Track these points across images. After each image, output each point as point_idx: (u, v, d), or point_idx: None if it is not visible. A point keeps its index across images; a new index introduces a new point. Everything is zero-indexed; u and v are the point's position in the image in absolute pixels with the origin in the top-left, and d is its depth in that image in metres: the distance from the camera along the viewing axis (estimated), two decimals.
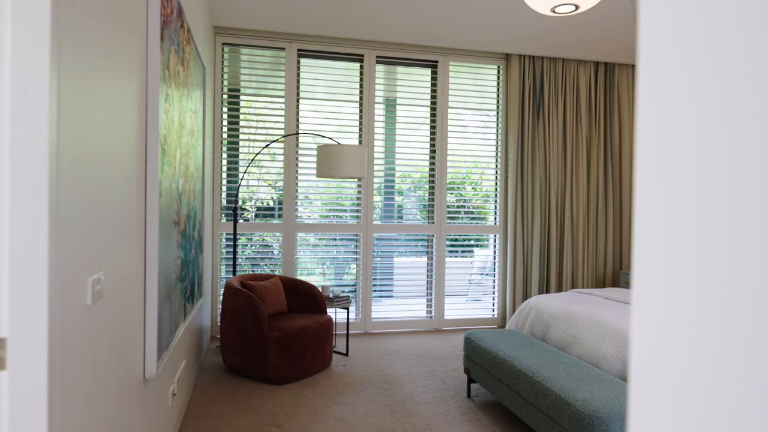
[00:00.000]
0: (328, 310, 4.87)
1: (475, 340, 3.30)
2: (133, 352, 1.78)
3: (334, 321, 4.66)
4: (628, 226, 5.47)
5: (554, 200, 5.18)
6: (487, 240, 5.79)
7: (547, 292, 5.21)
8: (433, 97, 5.08)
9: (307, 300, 3.98)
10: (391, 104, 5.16)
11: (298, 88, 4.76)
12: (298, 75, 4.77)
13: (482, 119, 5.29)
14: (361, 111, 4.91)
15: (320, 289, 4.29)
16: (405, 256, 6.04)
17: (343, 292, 4.95)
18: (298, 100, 4.77)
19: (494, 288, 5.33)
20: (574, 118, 5.27)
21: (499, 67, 5.23)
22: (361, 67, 4.90)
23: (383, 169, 5.03)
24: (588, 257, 5.32)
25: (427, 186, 5.18)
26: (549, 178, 5.18)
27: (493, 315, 5.31)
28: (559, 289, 5.25)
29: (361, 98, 4.91)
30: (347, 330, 4.18)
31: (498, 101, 5.24)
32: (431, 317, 5.13)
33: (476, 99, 5.20)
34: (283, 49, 4.69)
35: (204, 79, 3.60)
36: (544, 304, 3.48)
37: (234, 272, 4.18)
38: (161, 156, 2.10)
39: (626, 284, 4.83)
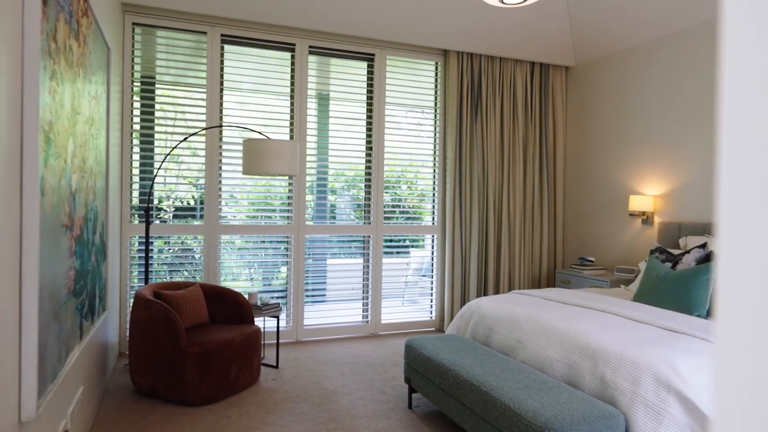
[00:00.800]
0: (256, 319, 4.51)
1: (416, 348, 3.09)
2: (5, 391, 1.41)
3: (262, 331, 4.31)
4: (562, 225, 5.49)
5: (492, 200, 5.10)
6: (423, 240, 5.63)
7: (485, 293, 5.13)
8: (370, 92, 4.85)
9: (231, 309, 3.62)
10: (324, 98, 4.87)
11: (221, 77, 4.37)
12: (222, 63, 4.38)
13: (420, 116, 5.13)
14: (292, 104, 4.59)
15: (247, 297, 3.94)
16: (339, 258, 5.78)
17: (273, 298, 4.61)
18: (221, 91, 4.38)
19: (432, 290, 5.18)
20: (511, 118, 5.23)
21: (437, 63, 5.08)
22: (293, 57, 4.58)
23: (315, 167, 4.74)
24: (525, 257, 5.28)
25: (362, 185, 4.94)
26: (487, 178, 5.09)
27: (431, 317, 5.16)
28: (497, 290, 5.18)
29: (292, 91, 4.59)
30: (277, 340, 3.86)
31: (436, 98, 5.09)
32: (367, 322, 4.89)
33: (414, 95, 5.02)
34: (205, 33, 4.28)
35: (108, 61, 3.16)
36: (487, 307, 3.33)
37: (146, 280, 3.74)
38: (45, 146, 1.72)
39: (562, 283, 4.82)
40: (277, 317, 3.84)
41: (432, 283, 5.17)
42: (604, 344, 2.42)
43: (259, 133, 3.92)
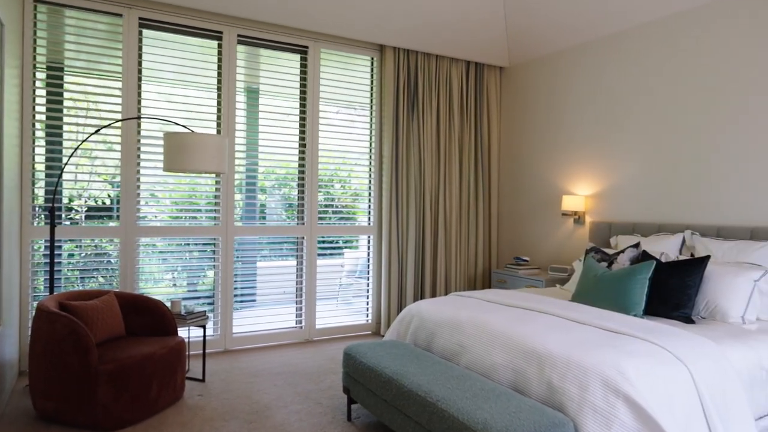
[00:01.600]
0: (180, 329, 4.17)
1: (356, 356, 2.93)
2: None
3: (187, 342, 3.99)
4: (497, 225, 5.52)
5: (429, 199, 5.03)
6: (357, 240, 5.48)
7: (422, 295, 5.05)
8: (303, 86, 4.63)
9: (152, 320, 3.29)
10: (253, 92, 4.60)
11: (140, 65, 3.99)
12: (140, 50, 4.00)
13: (356, 113, 4.96)
14: (219, 98, 4.28)
15: (169, 305, 3.61)
16: (269, 260, 5.50)
17: (199, 304, 4.29)
18: (140, 80, 4.00)
19: (368, 292, 5.03)
20: (447, 117, 5.18)
21: (372, 58, 4.94)
22: (220, 46, 4.27)
23: (245, 165, 4.46)
24: (461, 257, 5.26)
25: (294, 184, 4.71)
26: (424, 177, 5.01)
27: (367, 321, 5.01)
28: (434, 291, 5.12)
29: (219, 83, 4.28)
30: (204, 350, 3.56)
31: (372, 95, 4.95)
32: (301, 327, 4.67)
33: (350, 91, 4.85)
34: (121, 15, 3.89)
35: (1, 39, 2.75)
36: (427, 311, 3.23)
37: (51, 290, 3.32)
38: None
39: (498, 283, 4.83)
40: (204, 326, 3.55)
41: (368, 286, 5.03)
42: (549, 348, 2.37)
43: (183, 126, 3.60)
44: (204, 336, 3.57)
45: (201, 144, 3.21)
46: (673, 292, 2.92)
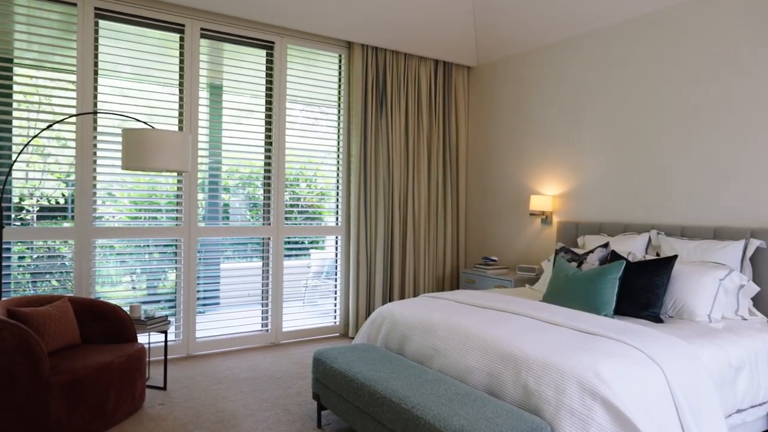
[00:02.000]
0: (140, 335, 3.99)
1: (326, 361, 2.84)
2: None
3: (147, 349, 3.82)
4: (465, 224, 5.52)
5: (397, 199, 4.97)
6: (323, 241, 5.39)
7: (390, 295, 4.99)
8: (269, 83, 4.50)
9: (109, 326, 3.12)
10: (216, 89, 4.44)
11: (96, 58, 3.79)
12: (97, 42, 3.80)
13: (323, 110, 4.86)
14: (181, 94, 4.11)
15: (128, 310, 3.43)
16: (233, 261, 5.35)
17: (159, 308, 4.11)
18: (96, 74, 3.80)
19: (336, 293, 4.94)
20: (416, 116, 5.14)
21: (340, 56, 4.84)
22: (182, 39, 4.10)
23: (207, 163, 4.30)
24: (429, 257, 5.23)
25: (258, 183, 4.58)
26: (392, 176, 4.96)
27: (335, 322, 4.92)
28: (403, 292, 5.07)
29: (181, 78, 4.11)
30: (165, 357, 3.41)
31: (340, 93, 4.86)
32: (267, 331, 4.54)
33: (317, 88, 4.74)
34: (75, 5, 3.68)
35: None
36: (399, 313, 3.17)
37: None
38: None
39: (467, 283, 4.82)
40: (165, 332, 3.39)
41: (336, 287, 4.94)
42: (525, 351, 2.34)
43: (144, 122, 3.43)
44: (165, 341, 3.41)
45: (163, 141, 3.06)
46: (643, 292, 2.95)
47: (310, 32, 4.51)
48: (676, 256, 3.00)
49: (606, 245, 3.38)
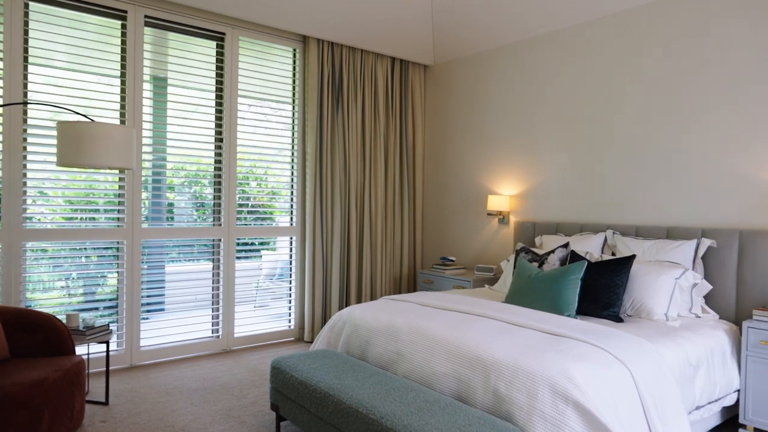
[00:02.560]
0: (78, 347, 3.69)
1: (286, 370, 2.70)
2: None
3: (87, 361, 3.53)
4: (421, 224, 5.47)
5: (354, 198, 4.86)
6: (273, 241, 5.20)
7: (347, 298, 4.87)
8: (220, 76, 4.27)
9: (43, 337, 2.84)
10: (161, 81, 4.18)
11: (26, 44, 3.46)
12: (26, 25, 3.47)
13: (277, 107, 4.67)
14: (123, 84, 3.83)
15: (64, 320, 3.15)
16: (178, 264, 5.07)
17: (98, 316, 3.82)
18: (26, 60, 3.47)
19: (290, 296, 4.77)
20: (373, 113, 5.04)
21: (295, 50, 4.67)
22: (124, 27, 3.82)
23: (151, 160, 4.03)
24: (386, 258, 5.14)
25: (206, 181, 4.35)
26: (349, 175, 4.83)
27: (290, 326, 4.75)
28: (360, 293, 4.96)
29: (123, 67, 3.83)
30: (107, 368, 3.15)
31: (294, 88, 4.69)
32: (218, 337, 4.32)
33: (271, 83, 4.55)
34: None
35: None
36: (361, 317, 3.06)
37: None
38: None
39: (425, 284, 4.77)
40: (107, 342, 3.13)
41: (290, 289, 4.77)
42: (495, 354, 2.29)
43: (82, 115, 3.15)
44: (107, 352, 3.15)
45: (105, 136, 2.81)
46: (603, 292, 2.97)
47: (264, 24, 4.32)
48: (634, 256, 3.04)
49: (566, 245, 3.40)
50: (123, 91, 3.83)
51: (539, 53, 4.37)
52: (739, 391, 2.80)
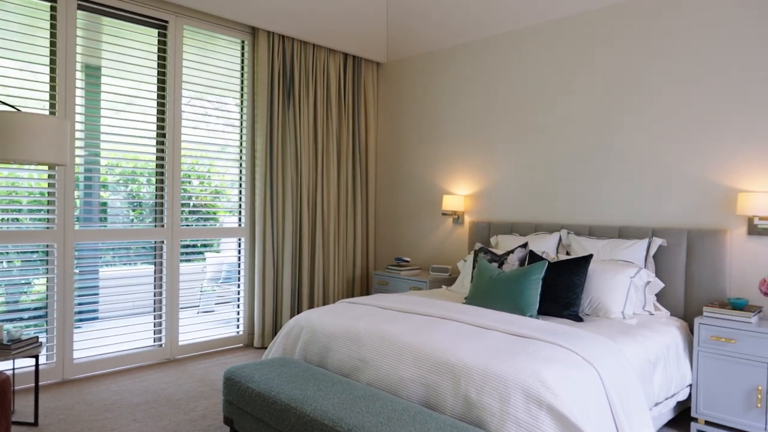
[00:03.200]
0: (2, 363, 3.34)
1: (241, 381, 2.53)
2: None
3: (12, 377, 3.19)
4: (374, 224, 5.37)
5: (306, 198, 4.69)
6: (218, 243, 4.96)
7: (299, 301, 4.70)
8: (162, 67, 4.00)
9: None
10: (94, 70, 3.86)
11: None
12: None
13: (225, 101, 4.44)
14: (53, 72, 3.50)
15: None
16: (114, 267, 4.74)
17: (24, 326, 3.47)
18: None
19: (239, 300, 4.55)
20: (325, 110, 4.89)
21: (244, 42, 4.45)
22: (54, 9, 3.49)
23: (83, 156, 3.72)
24: (339, 259, 5.01)
25: (143, 179, 4.07)
26: (301, 174, 4.66)
27: (239, 332, 4.53)
28: (312, 297, 4.80)
29: (53, 54, 3.50)
30: (36, 384, 2.85)
31: (243, 82, 4.47)
32: (161, 345, 4.04)
33: (218, 76, 4.31)
34: None
35: None
36: (319, 322, 2.92)
37: None
38: None
39: (379, 285, 4.68)
40: (36, 356, 2.84)
41: (239, 293, 4.54)
42: (463, 359, 2.23)
43: (10, 105, 2.83)
44: (36, 366, 2.85)
45: (34, 127, 2.53)
46: (563, 291, 2.99)
47: (210, 13, 4.09)
48: (591, 255, 3.08)
49: (525, 245, 3.40)
50: (53, 80, 3.50)
51: (493, 53, 4.38)
52: (691, 385, 2.88)
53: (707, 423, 2.81)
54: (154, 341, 4.04)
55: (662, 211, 3.43)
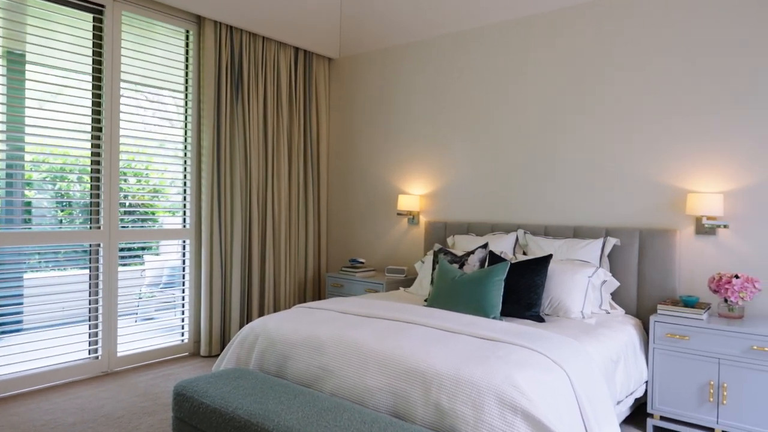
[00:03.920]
0: None
1: (193, 396, 2.33)
2: None
3: None
4: (326, 225, 5.23)
5: (256, 197, 4.49)
6: (157, 245, 4.67)
7: (249, 306, 4.49)
8: (98, 55, 3.69)
9: None
10: (17, 57, 3.52)
11: None
12: None
13: (168, 94, 4.16)
14: None
15: None
16: (40, 271, 4.36)
17: None
18: None
19: (183, 306, 4.28)
20: (275, 106, 4.70)
21: (188, 32, 4.19)
22: None
23: (5, 150, 3.37)
24: (291, 261, 4.83)
25: (73, 177, 3.75)
26: (250, 172, 4.45)
27: (183, 340, 4.26)
28: (262, 301, 4.60)
29: None
30: None
31: (187, 75, 4.21)
32: (98, 357, 3.73)
33: (161, 66, 4.03)
34: None
35: None
36: (276, 329, 2.76)
37: None
38: None
39: (333, 287, 4.54)
40: None
41: (183, 299, 4.28)
42: (433, 365, 2.15)
43: None
44: None
45: None
46: (525, 292, 2.98)
47: None
48: (551, 255, 3.09)
49: (485, 246, 3.38)
50: None
51: (446, 52, 4.34)
52: (647, 382, 2.94)
53: (662, 418, 2.88)
54: (90, 353, 3.73)
55: (615, 211, 3.50)
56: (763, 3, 3.01)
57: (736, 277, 2.81)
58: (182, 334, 4.27)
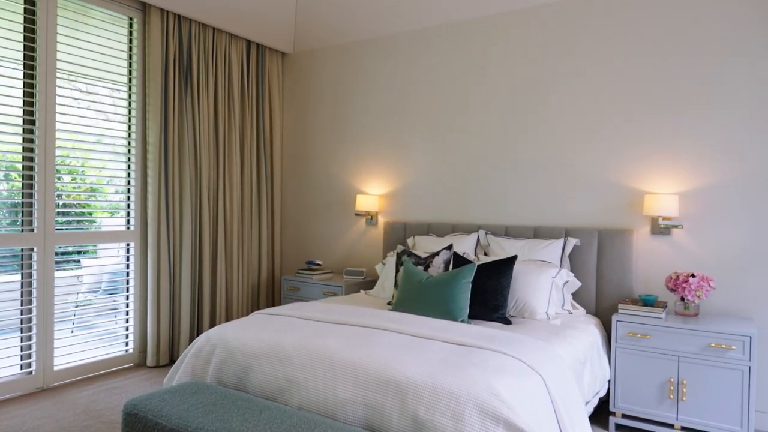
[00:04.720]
0: None
1: (147, 416, 2.14)
2: None
3: None
4: (280, 226, 5.04)
5: (206, 197, 4.25)
6: (94, 247, 4.36)
7: (200, 312, 4.25)
8: (30, 41, 3.36)
9: None
10: None
11: None
12: None
13: (109, 86, 3.86)
14: None
15: None
16: None
17: None
18: None
19: (127, 314, 4.00)
20: (227, 101, 4.47)
21: (132, 19, 3.91)
22: None
23: None
24: (243, 264, 4.62)
25: (1, 175, 3.41)
26: (200, 170, 4.21)
27: (128, 350, 3.98)
28: (214, 307, 4.37)
29: None
30: None
31: (131, 66, 3.92)
32: (31, 372, 3.41)
33: (101, 56, 3.73)
34: None
35: None
36: (235, 338, 2.60)
37: None
38: None
39: (290, 291, 4.37)
40: None
41: (128, 306, 3.99)
42: (408, 374, 2.06)
43: None
44: None
45: None
46: (492, 294, 2.95)
47: None
48: (515, 257, 3.08)
49: (449, 247, 3.33)
50: None
51: (404, 50, 4.27)
52: (610, 381, 2.99)
53: (624, 416, 2.93)
54: (22, 367, 3.40)
55: (574, 211, 3.54)
56: (714, 8, 3.12)
57: (693, 276, 2.90)
58: (126, 344, 3.99)
